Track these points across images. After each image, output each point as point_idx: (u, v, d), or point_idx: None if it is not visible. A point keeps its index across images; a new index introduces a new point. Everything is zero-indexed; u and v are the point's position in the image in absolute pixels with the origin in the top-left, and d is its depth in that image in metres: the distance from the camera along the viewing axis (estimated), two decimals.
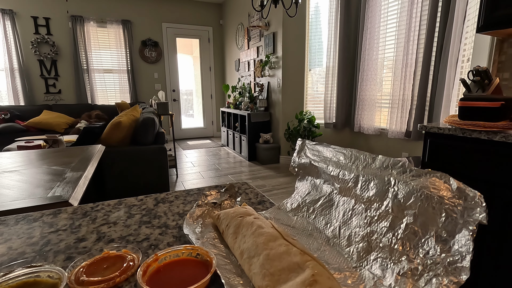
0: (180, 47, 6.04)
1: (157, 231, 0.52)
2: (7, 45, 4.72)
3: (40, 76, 5.01)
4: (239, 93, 4.84)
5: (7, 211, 0.71)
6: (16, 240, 0.50)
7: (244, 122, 4.29)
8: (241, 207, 0.52)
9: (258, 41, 4.45)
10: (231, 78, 5.88)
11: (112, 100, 5.53)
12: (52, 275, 0.37)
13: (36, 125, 4.37)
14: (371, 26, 3.12)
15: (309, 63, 3.85)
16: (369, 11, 3.12)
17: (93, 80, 5.38)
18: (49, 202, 0.77)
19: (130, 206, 0.64)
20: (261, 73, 4.38)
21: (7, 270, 0.38)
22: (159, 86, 5.88)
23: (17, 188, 0.88)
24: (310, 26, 3.74)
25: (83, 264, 0.40)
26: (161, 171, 2.58)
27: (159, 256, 0.40)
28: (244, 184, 0.77)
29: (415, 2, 2.58)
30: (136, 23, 5.52)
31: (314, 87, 3.92)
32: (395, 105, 2.93)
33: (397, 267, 0.34)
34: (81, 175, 1.02)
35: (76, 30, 5.07)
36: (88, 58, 5.27)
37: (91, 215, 0.59)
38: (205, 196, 0.60)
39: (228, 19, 5.77)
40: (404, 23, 2.77)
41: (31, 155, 1.38)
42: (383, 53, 3.11)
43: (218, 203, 0.59)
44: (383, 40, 3.06)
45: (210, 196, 0.60)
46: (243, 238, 0.42)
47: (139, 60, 5.66)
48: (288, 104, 3.90)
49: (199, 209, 0.56)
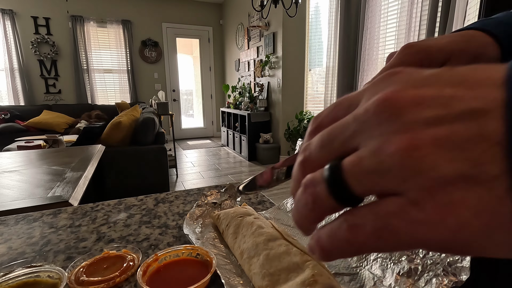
0: (180, 47, 6.04)
1: (157, 231, 0.52)
2: (7, 45, 4.72)
3: (40, 76, 5.01)
4: (239, 93, 4.84)
5: (7, 211, 0.71)
6: (16, 240, 0.50)
7: (244, 122, 4.29)
8: (241, 207, 0.52)
9: (258, 41, 4.45)
10: (231, 78, 5.88)
11: (112, 100, 5.52)
12: (52, 275, 0.37)
13: (36, 125, 4.37)
14: (371, 26, 3.12)
15: (309, 63, 3.84)
16: (369, 11, 3.12)
17: (93, 80, 5.38)
18: (49, 202, 0.77)
19: (130, 206, 0.64)
20: (261, 73, 4.38)
21: (7, 270, 0.38)
22: (159, 86, 5.88)
23: (17, 188, 0.88)
24: (310, 26, 3.74)
25: (83, 264, 0.40)
26: (161, 171, 2.58)
27: (159, 256, 0.40)
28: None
29: (415, 2, 2.58)
30: (136, 23, 5.52)
31: (314, 87, 3.92)
32: None
33: (397, 267, 0.34)
34: (81, 175, 1.02)
35: (76, 30, 5.07)
36: (88, 58, 5.27)
37: (91, 215, 0.59)
38: (205, 196, 0.60)
39: (228, 19, 5.77)
40: (404, 23, 2.77)
41: (31, 155, 1.38)
42: (383, 53, 3.11)
43: (218, 203, 0.59)
44: (383, 40, 3.06)
45: (210, 196, 0.60)
46: (243, 238, 0.42)
47: (139, 60, 5.66)
48: (288, 104, 3.90)
49: (199, 209, 0.56)
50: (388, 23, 3.00)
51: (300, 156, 0.15)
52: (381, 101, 0.12)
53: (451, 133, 0.10)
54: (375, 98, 0.12)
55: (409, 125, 0.11)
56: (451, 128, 0.11)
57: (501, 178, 0.10)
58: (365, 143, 0.12)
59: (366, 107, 0.12)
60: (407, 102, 0.11)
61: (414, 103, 0.11)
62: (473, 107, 0.10)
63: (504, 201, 0.10)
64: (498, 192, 0.10)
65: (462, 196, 0.10)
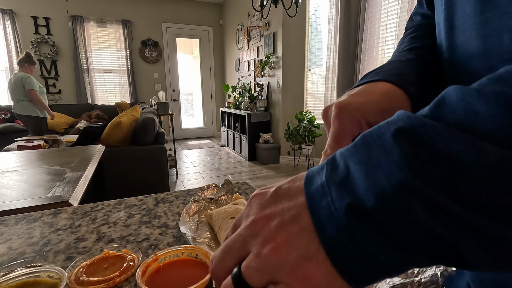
0: (180, 47, 6.04)
1: (157, 231, 0.52)
2: (7, 45, 4.71)
3: (40, 76, 5.01)
4: (239, 93, 4.84)
5: (7, 211, 0.71)
6: (16, 240, 0.50)
7: (244, 122, 4.29)
8: (232, 204, 0.52)
9: (258, 41, 4.45)
10: (231, 78, 5.88)
11: (112, 100, 5.52)
12: (52, 275, 0.37)
13: None
14: (371, 26, 3.12)
15: (309, 63, 3.84)
16: (369, 11, 3.12)
17: (93, 80, 5.38)
18: (49, 202, 0.77)
19: (130, 206, 0.64)
20: (261, 73, 4.38)
21: (7, 270, 0.38)
22: (159, 86, 5.88)
23: (17, 188, 0.88)
24: (310, 26, 3.74)
25: (83, 264, 0.40)
26: (161, 171, 2.58)
27: (159, 256, 0.40)
28: (244, 184, 0.77)
29: (415, 2, 2.58)
30: (136, 23, 5.52)
31: (314, 87, 3.92)
32: None
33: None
34: (81, 175, 1.02)
35: (76, 30, 5.07)
36: (88, 58, 5.27)
37: (91, 215, 0.59)
38: (202, 191, 0.60)
39: (228, 19, 5.77)
40: (404, 23, 2.77)
41: (31, 155, 1.38)
42: (383, 53, 3.11)
43: (215, 199, 0.58)
44: (383, 40, 3.06)
45: (207, 191, 0.60)
46: None
47: (139, 60, 5.66)
48: (288, 104, 3.90)
49: (195, 204, 0.56)
50: (388, 23, 2.99)
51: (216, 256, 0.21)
52: (248, 225, 0.19)
53: (290, 233, 0.17)
54: (248, 221, 0.20)
55: (266, 233, 0.18)
56: (288, 229, 0.17)
57: (319, 250, 0.16)
58: (250, 248, 0.19)
59: (243, 228, 0.20)
60: (261, 221, 0.19)
61: (266, 219, 0.19)
62: (293, 214, 0.18)
63: (326, 262, 0.16)
64: (321, 258, 0.16)
65: (309, 270, 0.16)
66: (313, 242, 0.16)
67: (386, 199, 0.14)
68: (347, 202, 0.15)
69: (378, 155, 0.15)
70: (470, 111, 0.14)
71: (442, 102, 0.16)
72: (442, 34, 0.29)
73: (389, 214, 0.14)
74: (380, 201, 0.14)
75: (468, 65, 0.26)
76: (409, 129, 0.15)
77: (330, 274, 0.16)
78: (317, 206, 0.17)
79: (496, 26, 0.21)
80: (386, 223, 0.14)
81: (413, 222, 0.14)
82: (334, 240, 0.16)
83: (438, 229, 0.14)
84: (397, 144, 0.15)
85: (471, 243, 0.14)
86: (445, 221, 0.14)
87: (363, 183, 0.15)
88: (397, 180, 0.14)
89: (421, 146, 0.14)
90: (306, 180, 0.18)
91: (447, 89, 0.16)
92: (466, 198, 0.13)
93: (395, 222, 0.14)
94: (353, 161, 0.16)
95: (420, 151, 0.14)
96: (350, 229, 0.15)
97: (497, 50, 0.22)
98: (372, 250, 0.15)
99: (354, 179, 0.16)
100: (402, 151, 0.14)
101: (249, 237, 0.19)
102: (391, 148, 0.15)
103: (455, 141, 0.14)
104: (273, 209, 0.19)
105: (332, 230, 0.16)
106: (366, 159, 0.16)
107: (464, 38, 0.26)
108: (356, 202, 0.15)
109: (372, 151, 0.16)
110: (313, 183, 0.18)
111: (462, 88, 0.15)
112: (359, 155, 0.16)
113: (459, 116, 0.14)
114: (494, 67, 0.22)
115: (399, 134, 0.15)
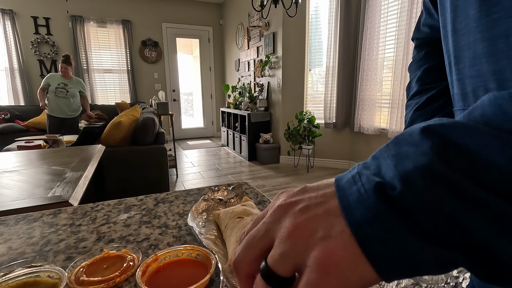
0: (180, 47, 6.04)
1: (157, 231, 0.52)
2: (7, 45, 4.71)
3: (40, 76, 5.01)
4: (239, 93, 4.84)
5: (7, 211, 0.71)
6: (16, 240, 0.50)
7: (244, 122, 4.29)
8: (240, 205, 0.52)
9: (258, 41, 4.45)
10: (231, 78, 5.88)
11: (112, 100, 5.52)
12: (52, 275, 0.37)
13: (36, 125, 4.37)
14: (371, 26, 3.12)
15: (309, 63, 3.84)
16: (369, 11, 3.12)
17: (93, 80, 5.38)
18: (49, 202, 0.77)
19: (130, 206, 0.64)
20: (261, 73, 4.38)
21: (7, 270, 0.38)
22: (159, 86, 5.88)
23: (17, 188, 0.88)
24: (310, 26, 3.74)
25: (83, 264, 0.40)
26: (161, 171, 2.58)
27: (159, 256, 0.40)
28: (244, 184, 0.77)
29: (415, 2, 2.58)
30: (136, 23, 5.52)
31: (314, 87, 3.92)
32: (395, 105, 2.93)
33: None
34: (81, 175, 1.02)
35: (76, 30, 5.07)
36: (88, 58, 5.27)
37: (91, 215, 0.59)
38: (212, 192, 0.60)
39: (228, 19, 5.77)
40: (404, 23, 2.77)
41: (31, 155, 1.38)
42: (383, 53, 3.11)
43: (224, 200, 0.59)
44: (383, 40, 3.06)
45: (217, 192, 0.60)
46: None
47: (139, 60, 5.65)
48: (288, 104, 3.90)
49: (204, 203, 0.56)
50: (388, 23, 2.99)
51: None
52: (276, 207, 0.20)
53: (315, 215, 0.18)
54: (273, 207, 0.20)
55: (290, 217, 0.18)
56: (314, 211, 0.18)
57: (344, 230, 0.16)
58: (274, 234, 0.19)
59: (267, 216, 0.20)
60: (286, 205, 0.19)
61: (291, 204, 0.19)
62: (321, 200, 0.18)
63: (351, 241, 0.16)
64: (346, 237, 0.16)
65: (332, 248, 0.16)
66: (338, 224, 0.17)
67: (411, 182, 0.15)
68: (376, 181, 0.16)
69: (407, 149, 0.16)
70: (499, 112, 0.15)
71: (475, 107, 0.17)
72: (449, 37, 0.29)
73: (414, 198, 0.15)
74: (405, 184, 0.15)
75: (472, 68, 0.26)
76: (437, 126, 0.16)
77: (354, 253, 0.16)
78: (347, 193, 0.17)
79: (503, 28, 0.21)
80: (412, 206, 0.15)
81: (439, 208, 0.14)
82: (360, 220, 0.16)
83: (462, 214, 0.14)
84: (426, 137, 0.16)
85: (501, 234, 0.13)
86: (470, 207, 0.14)
87: (391, 172, 0.16)
88: (422, 163, 0.15)
89: (448, 139, 0.15)
90: (337, 178, 0.19)
91: (483, 96, 0.17)
92: (491, 184, 0.14)
93: (420, 206, 0.15)
94: (384, 157, 0.17)
95: (447, 143, 0.15)
96: (379, 207, 0.15)
97: (506, 52, 0.22)
98: (398, 233, 0.15)
99: (384, 169, 0.17)
100: (431, 143, 0.15)
101: (272, 223, 0.19)
102: (419, 141, 0.16)
103: (482, 134, 0.15)
104: (300, 197, 0.19)
105: (360, 210, 0.16)
106: (396, 154, 0.17)
107: (467, 40, 0.25)
108: (384, 183, 0.16)
109: (402, 147, 0.17)
110: (344, 178, 0.18)
111: (495, 93, 0.16)
112: (389, 151, 0.17)
113: (488, 117, 0.15)
114: (502, 70, 0.22)
115: (428, 129, 0.16)
